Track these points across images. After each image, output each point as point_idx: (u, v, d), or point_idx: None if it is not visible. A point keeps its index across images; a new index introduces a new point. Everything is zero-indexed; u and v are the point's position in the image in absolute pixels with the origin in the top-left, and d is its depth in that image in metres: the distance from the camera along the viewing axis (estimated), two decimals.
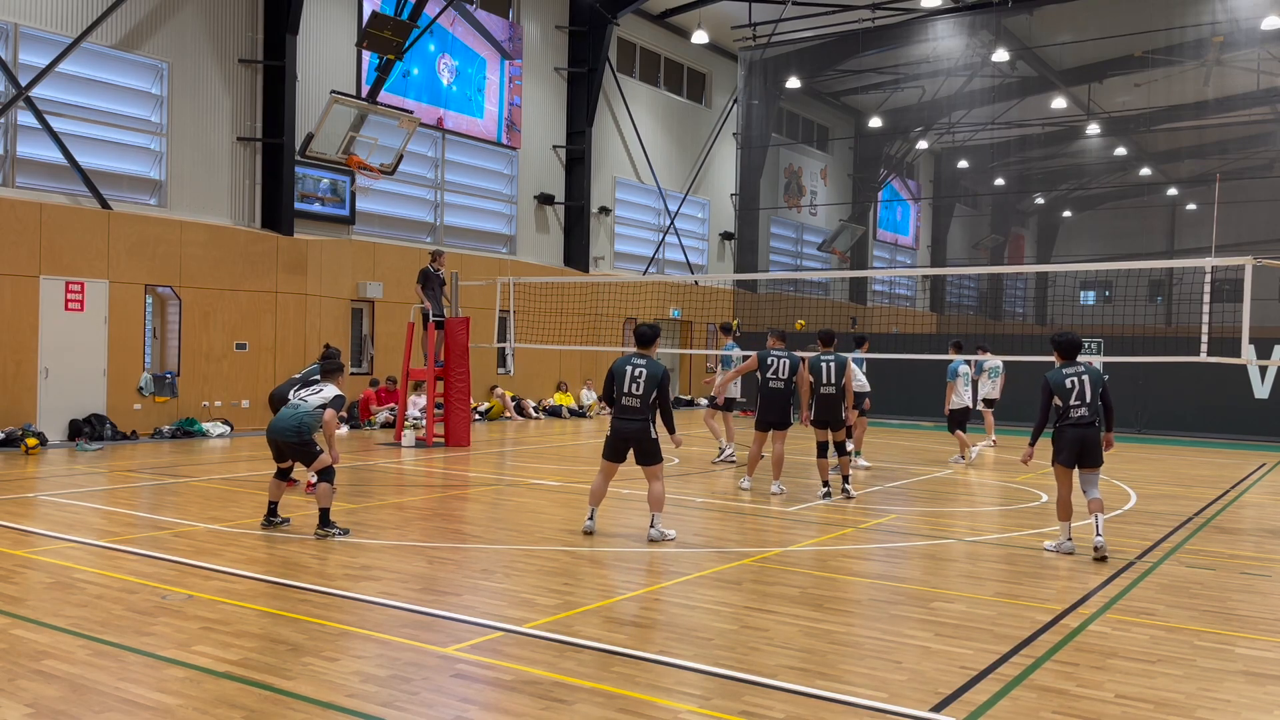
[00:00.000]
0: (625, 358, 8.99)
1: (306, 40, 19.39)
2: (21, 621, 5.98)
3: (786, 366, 11.84)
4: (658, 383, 8.78)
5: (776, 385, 11.85)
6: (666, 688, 5.07)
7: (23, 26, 15.83)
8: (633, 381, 8.81)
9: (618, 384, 8.90)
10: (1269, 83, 29.42)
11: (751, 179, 30.37)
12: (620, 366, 8.93)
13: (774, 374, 11.84)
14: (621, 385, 8.87)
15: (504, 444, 17.66)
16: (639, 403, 8.79)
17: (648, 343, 9.07)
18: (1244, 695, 5.17)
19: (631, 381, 8.82)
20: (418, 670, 5.27)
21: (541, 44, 25.41)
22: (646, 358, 8.95)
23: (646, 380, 8.79)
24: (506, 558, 8.12)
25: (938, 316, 39.46)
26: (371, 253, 20.84)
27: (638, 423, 8.81)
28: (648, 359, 8.94)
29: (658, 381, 8.78)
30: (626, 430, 8.86)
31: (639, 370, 8.83)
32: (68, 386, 16.05)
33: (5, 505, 10.03)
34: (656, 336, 9.13)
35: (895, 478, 13.76)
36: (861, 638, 6.05)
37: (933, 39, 28.30)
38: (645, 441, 8.82)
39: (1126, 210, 41.61)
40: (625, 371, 8.87)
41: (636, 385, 8.80)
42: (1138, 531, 9.92)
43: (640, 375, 8.80)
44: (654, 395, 8.80)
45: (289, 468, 9.41)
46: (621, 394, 8.86)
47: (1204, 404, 21.51)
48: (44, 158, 16.22)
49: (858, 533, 9.65)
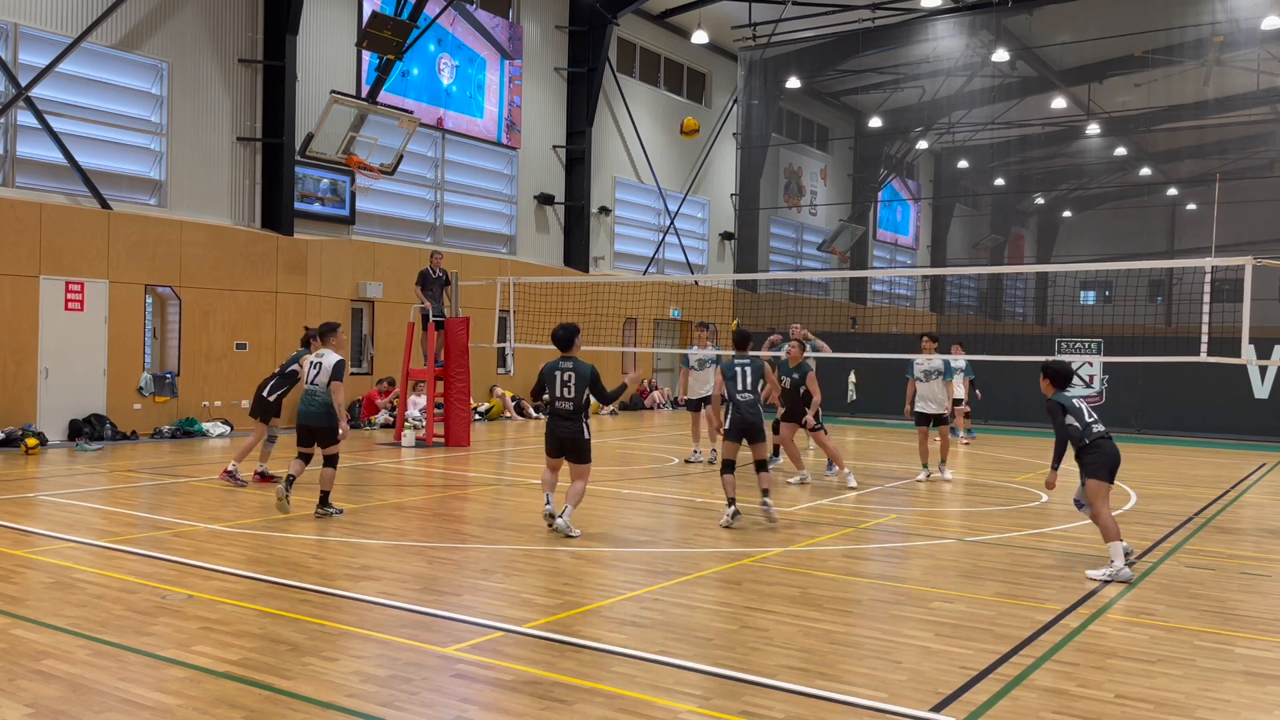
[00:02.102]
0: (553, 362, 9.12)
1: (306, 40, 19.40)
2: (21, 621, 5.98)
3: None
4: (588, 382, 8.99)
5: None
6: (666, 688, 5.07)
7: (23, 26, 15.83)
8: (563, 385, 9.01)
9: (549, 388, 9.09)
10: (1269, 83, 29.42)
11: (751, 179, 30.37)
12: (549, 371, 9.10)
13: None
14: (553, 389, 9.07)
15: (504, 444, 17.66)
16: (571, 405, 9.00)
17: (567, 344, 9.16)
18: (1244, 695, 5.17)
19: (562, 386, 9.01)
20: (418, 670, 5.27)
21: (541, 44, 25.41)
22: (573, 359, 9.10)
23: (576, 382, 8.98)
24: (506, 558, 8.12)
25: (938, 316, 39.45)
26: (371, 253, 20.84)
27: (572, 425, 9.04)
28: (574, 360, 9.09)
29: (587, 381, 8.99)
30: (561, 433, 9.09)
31: (568, 374, 9.01)
32: (68, 386, 16.05)
33: (5, 505, 10.03)
34: (573, 336, 9.20)
35: (895, 478, 13.76)
36: (861, 638, 6.05)
37: (933, 39, 28.30)
38: (578, 443, 9.07)
39: (1126, 210, 41.61)
40: (555, 376, 9.06)
41: (568, 389, 8.99)
42: (1138, 531, 9.92)
43: (570, 379, 8.99)
44: (585, 395, 8.99)
45: (311, 453, 9.98)
46: (555, 398, 9.08)
47: (1204, 404, 21.50)
48: (44, 158, 16.22)
49: (858, 533, 9.65)
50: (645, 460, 15.31)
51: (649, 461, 15.14)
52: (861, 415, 24.40)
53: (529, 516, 10.01)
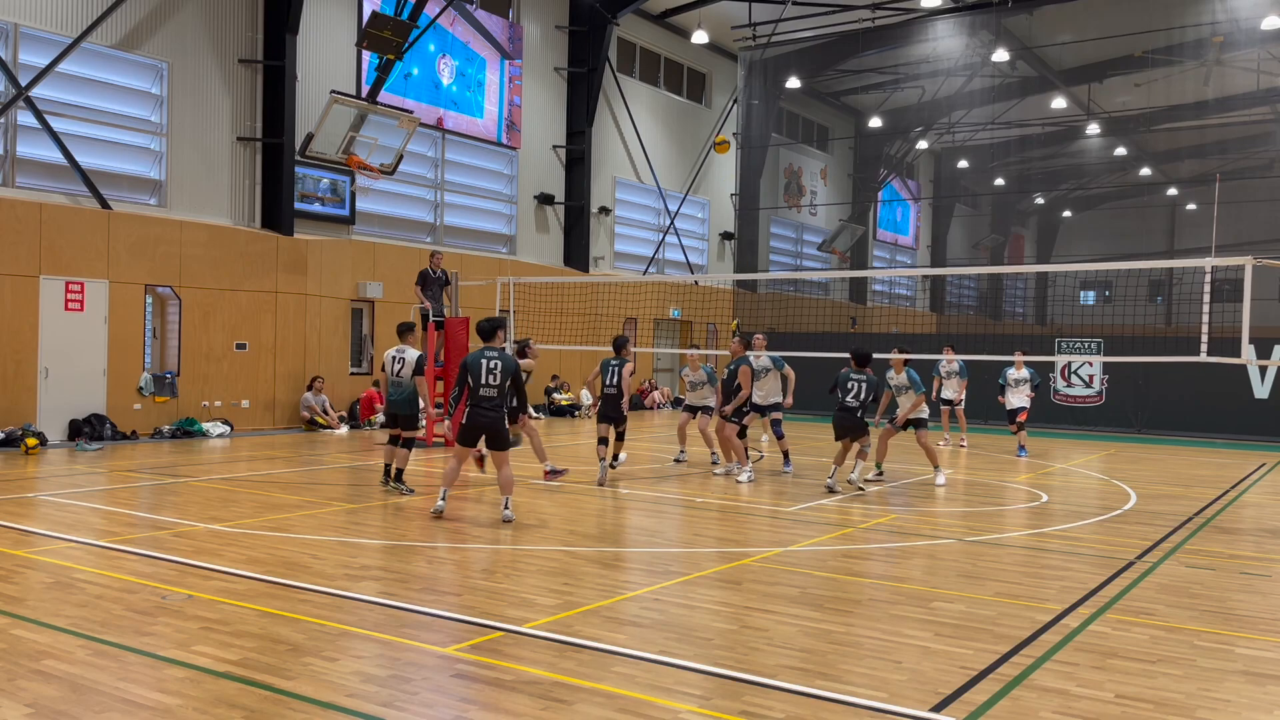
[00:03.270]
0: (478, 351, 9.56)
1: (306, 40, 19.40)
2: (21, 621, 5.98)
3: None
4: (511, 373, 9.49)
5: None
6: (666, 688, 5.07)
7: (23, 26, 15.83)
8: (489, 373, 9.43)
9: (473, 376, 9.47)
10: (1269, 83, 29.41)
11: (751, 179, 30.37)
12: (475, 360, 9.52)
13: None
14: (478, 377, 9.45)
15: None
16: (495, 392, 9.43)
17: (489, 336, 9.65)
18: (1244, 695, 5.17)
19: (488, 373, 9.43)
20: (418, 670, 5.27)
21: (541, 44, 25.41)
22: (498, 350, 9.58)
23: (502, 372, 9.45)
24: (506, 558, 8.12)
25: (938, 316, 39.47)
26: (371, 253, 20.84)
27: (494, 413, 9.46)
28: (500, 352, 9.56)
29: (511, 372, 9.49)
30: (483, 420, 9.47)
31: (494, 363, 9.45)
32: (68, 386, 16.05)
33: (5, 505, 10.03)
34: (496, 329, 9.70)
35: (895, 478, 13.76)
36: (861, 638, 6.05)
37: (933, 39, 28.30)
38: (499, 431, 9.52)
39: (1126, 210, 41.60)
40: (481, 364, 9.46)
41: (493, 376, 9.43)
42: (1138, 531, 9.92)
43: (496, 367, 9.44)
44: (509, 384, 9.48)
45: (399, 434, 11.31)
46: (479, 384, 9.44)
47: (1204, 404, 21.50)
48: (44, 158, 16.22)
49: (858, 533, 9.65)
50: (645, 460, 15.31)
51: (649, 461, 15.14)
52: None
53: (529, 516, 10.01)
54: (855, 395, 12.26)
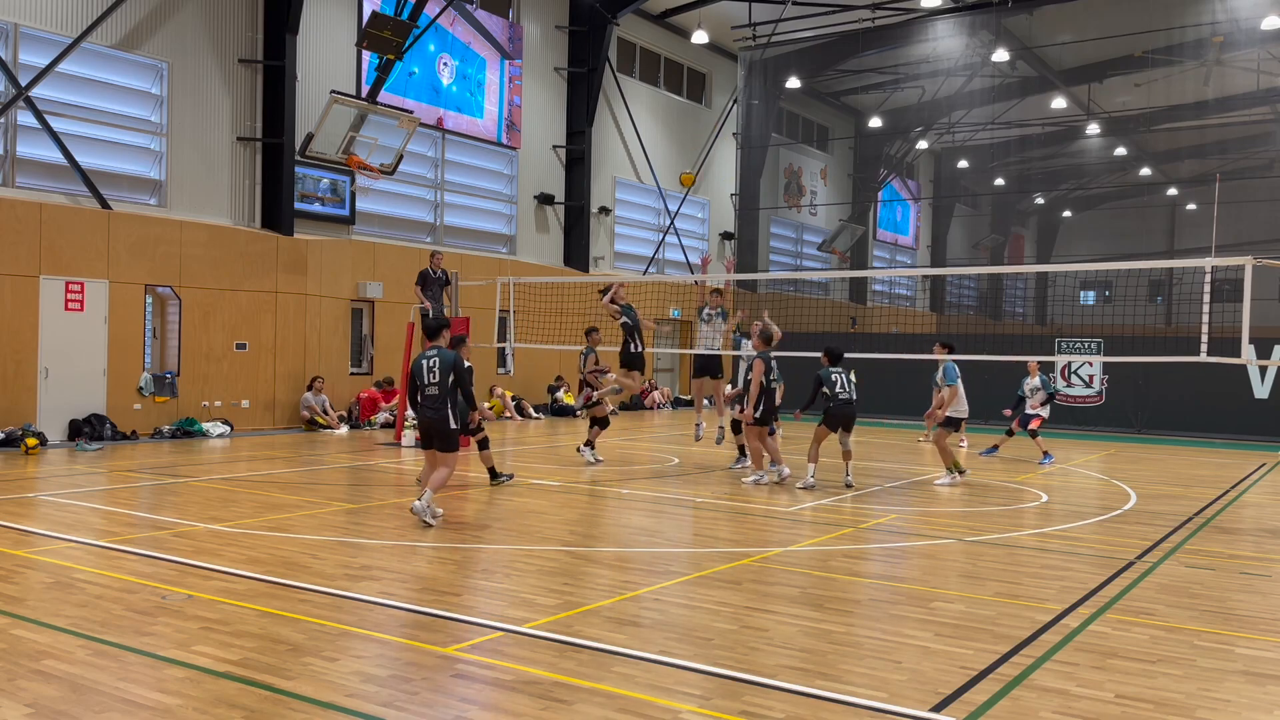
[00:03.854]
0: (421, 353, 9.53)
1: (306, 40, 19.40)
2: (21, 621, 5.97)
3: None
4: (450, 368, 9.36)
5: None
6: (666, 688, 5.07)
7: (23, 26, 15.83)
8: (429, 372, 9.40)
9: (418, 378, 9.46)
10: (1269, 83, 29.40)
11: (751, 179, 30.35)
12: (417, 362, 9.50)
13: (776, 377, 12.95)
14: (421, 377, 9.44)
15: (504, 444, 17.65)
16: (438, 390, 9.35)
17: (433, 334, 9.62)
18: (1244, 695, 5.17)
19: (428, 372, 9.40)
20: (418, 670, 5.27)
21: (541, 44, 25.41)
22: (438, 349, 9.50)
23: (440, 368, 9.36)
24: (506, 558, 8.12)
25: (938, 316, 39.46)
26: (371, 253, 20.84)
27: (438, 412, 9.38)
28: (439, 349, 9.48)
29: (450, 367, 9.37)
30: (427, 419, 9.45)
31: (433, 361, 9.41)
32: (68, 386, 16.05)
33: (5, 505, 10.03)
34: (440, 328, 9.64)
35: (895, 477, 13.76)
36: (861, 638, 6.05)
37: (933, 39, 28.29)
38: (444, 431, 9.41)
39: (1126, 210, 41.58)
40: (422, 365, 9.45)
41: (433, 374, 9.38)
42: (1138, 531, 9.92)
43: (435, 365, 9.39)
44: (450, 379, 9.35)
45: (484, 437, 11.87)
46: (423, 384, 9.43)
47: (1204, 404, 21.50)
48: (44, 158, 16.22)
49: (858, 533, 9.65)
50: (645, 460, 15.31)
51: (649, 461, 15.13)
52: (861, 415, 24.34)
53: (529, 516, 10.02)
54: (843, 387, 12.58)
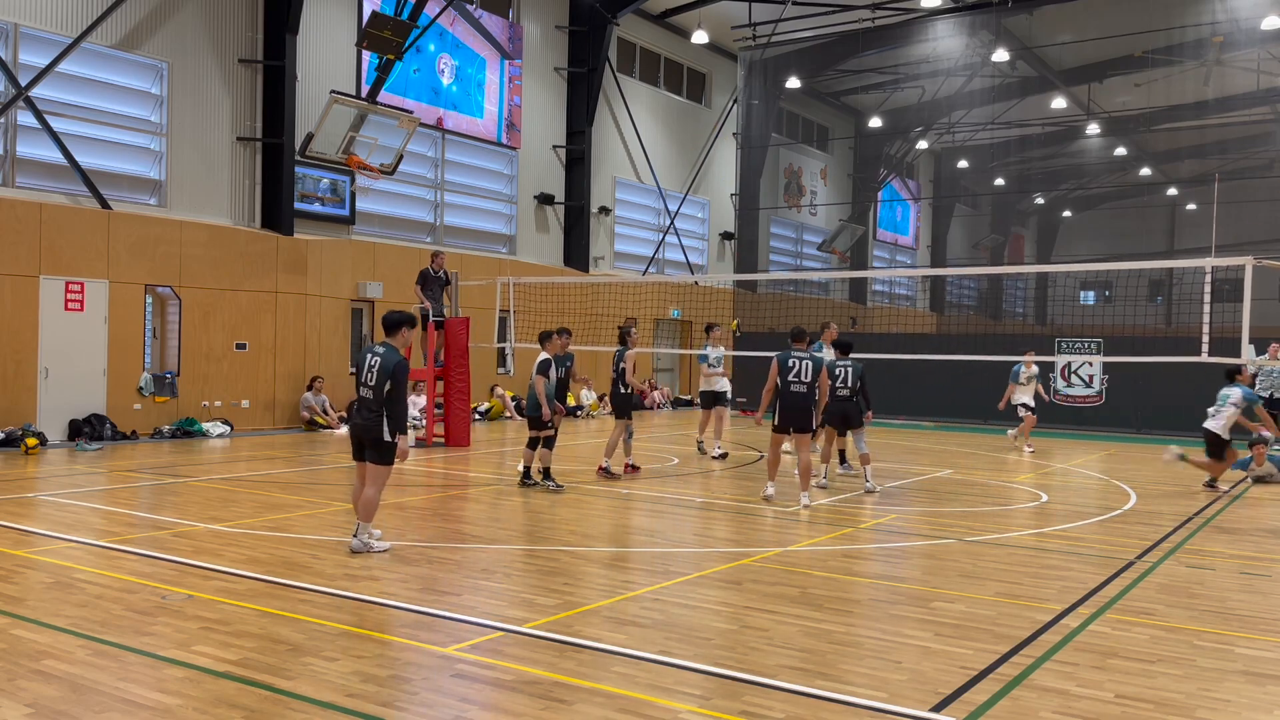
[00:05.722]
0: (368, 346, 8.29)
1: (306, 40, 19.39)
2: (21, 621, 5.97)
3: (809, 369, 10.94)
4: (390, 373, 7.99)
5: (799, 388, 10.94)
6: (666, 688, 5.07)
7: (23, 26, 15.83)
8: (367, 371, 8.09)
9: (358, 374, 8.22)
10: (1269, 83, 29.38)
11: (751, 179, 30.34)
12: (362, 356, 8.26)
13: (796, 376, 10.93)
14: (359, 376, 8.17)
15: (504, 444, 17.65)
16: (371, 394, 8.05)
17: (390, 328, 8.41)
18: (1244, 695, 5.17)
19: (367, 371, 8.10)
20: (418, 670, 5.27)
21: (541, 44, 25.41)
22: (386, 345, 8.24)
23: (379, 371, 8.01)
24: (506, 558, 8.12)
25: (938, 316, 39.44)
26: (371, 253, 20.84)
27: (370, 417, 8.05)
28: (386, 347, 8.22)
29: (389, 373, 7.99)
30: (358, 425, 8.16)
31: (374, 359, 8.10)
32: (68, 386, 16.05)
33: (5, 505, 10.03)
34: (400, 324, 8.43)
35: (895, 477, 13.76)
36: (861, 638, 6.05)
37: (933, 39, 28.28)
38: (378, 440, 8.04)
39: (1126, 210, 41.57)
40: (364, 360, 8.17)
41: (370, 375, 8.07)
42: (1138, 531, 9.92)
43: (374, 365, 8.06)
44: (386, 387, 8.00)
45: (536, 438, 11.71)
46: (359, 384, 8.19)
47: (1204, 404, 21.41)
48: (44, 158, 16.22)
49: (858, 533, 9.65)
50: (645, 460, 15.31)
51: (649, 461, 15.13)
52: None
53: (529, 516, 10.02)
54: (843, 381, 12.18)
